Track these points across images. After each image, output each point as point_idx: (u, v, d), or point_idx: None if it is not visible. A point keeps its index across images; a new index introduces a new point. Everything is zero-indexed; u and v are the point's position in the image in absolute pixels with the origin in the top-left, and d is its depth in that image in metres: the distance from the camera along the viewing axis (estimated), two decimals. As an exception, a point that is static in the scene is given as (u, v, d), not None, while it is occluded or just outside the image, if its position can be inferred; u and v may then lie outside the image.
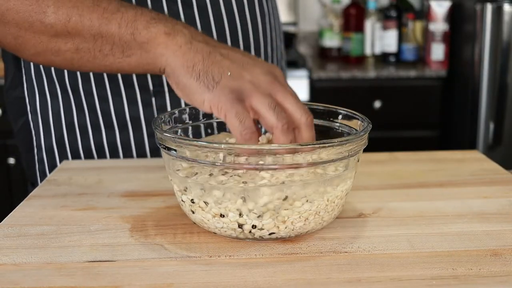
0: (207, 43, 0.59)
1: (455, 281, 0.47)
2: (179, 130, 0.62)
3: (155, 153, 0.83)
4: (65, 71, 0.80)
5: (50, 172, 0.85)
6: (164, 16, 0.61)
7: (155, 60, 0.59)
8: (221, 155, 0.51)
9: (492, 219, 0.59)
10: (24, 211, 0.62)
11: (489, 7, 1.99)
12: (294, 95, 0.57)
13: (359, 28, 2.37)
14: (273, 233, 0.53)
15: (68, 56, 0.62)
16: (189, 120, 0.63)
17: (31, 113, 0.87)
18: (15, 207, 0.63)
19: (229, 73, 0.56)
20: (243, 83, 0.56)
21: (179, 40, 0.58)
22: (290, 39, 2.52)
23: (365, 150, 0.58)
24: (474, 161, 0.79)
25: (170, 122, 0.61)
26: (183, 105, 0.80)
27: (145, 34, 0.59)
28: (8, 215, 0.61)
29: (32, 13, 0.60)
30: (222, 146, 0.51)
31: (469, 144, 2.11)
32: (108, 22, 0.60)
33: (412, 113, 2.22)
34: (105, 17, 0.60)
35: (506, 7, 1.98)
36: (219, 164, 0.51)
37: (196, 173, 0.54)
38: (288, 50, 2.45)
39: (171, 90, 0.80)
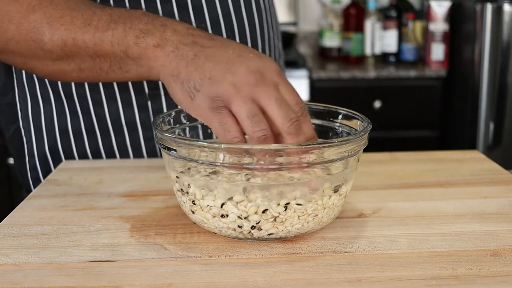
0: (195, 44, 0.57)
1: (455, 281, 0.47)
2: (178, 130, 0.62)
3: (152, 156, 0.82)
4: None
5: (44, 178, 0.84)
6: (153, 22, 0.60)
7: (149, 73, 0.60)
8: (221, 155, 0.51)
9: (492, 219, 0.59)
10: (24, 211, 0.62)
11: (489, 7, 1.99)
12: (277, 100, 0.53)
13: (359, 28, 2.37)
14: (272, 233, 0.53)
15: (74, 75, 0.64)
16: (187, 121, 0.63)
17: (22, 119, 0.86)
18: (15, 207, 0.63)
19: (210, 78, 0.54)
20: (224, 87, 0.53)
21: (167, 50, 0.57)
22: (290, 39, 2.52)
23: (365, 150, 0.58)
24: (474, 161, 0.79)
25: (170, 122, 0.61)
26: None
27: (136, 50, 0.59)
28: (8, 215, 0.61)
29: (31, 42, 0.62)
30: (222, 146, 0.51)
31: (469, 144, 2.11)
32: (101, 41, 0.60)
33: (412, 113, 2.22)
34: (97, 36, 0.60)
35: (506, 7, 1.98)
36: (219, 164, 0.51)
37: (197, 173, 0.54)
38: (288, 50, 2.45)
39: (167, 93, 0.79)
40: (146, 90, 0.79)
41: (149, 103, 0.80)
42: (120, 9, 0.63)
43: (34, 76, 0.82)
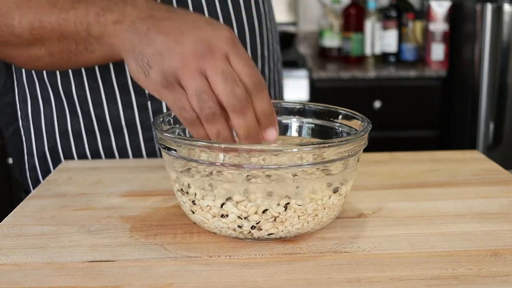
0: (151, 17, 0.55)
1: (455, 281, 0.47)
2: (178, 130, 0.62)
3: (152, 157, 0.82)
4: (58, 76, 0.80)
5: (44, 179, 0.84)
6: (114, 0, 0.58)
7: (112, 51, 0.59)
8: (221, 155, 0.51)
9: (492, 219, 0.59)
10: (24, 211, 0.62)
11: (489, 7, 1.99)
12: (223, 74, 0.50)
13: (359, 28, 2.37)
14: (272, 233, 0.53)
15: (46, 60, 0.64)
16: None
17: (22, 119, 0.86)
18: (15, 207, 0.63)
19: (160, 53, 0.52)
20: (173, 62, 0.51)
21: (124, 25, 0.56)
22: (290, 39, 2.52)
23: (365, 150, 0.58)
24: (474, 161, 0.79)
25: (170, 122, 0.61)
26: None
27: (97, 28, 0.58)
28: (8, 215, 0.61)
29: (3, 27, 0.62)
30: (222, 146, 0.51)
31: (469, 144, 2.11)
32: (65, 22, 0.60)
33: (412, 113, 2.22)
34: (61, 17, 0.60)
35: (506, 7, 1.98)
36: (219, 164, 0.51)
37: (197, 173, 0.54)
38: (288, 50, 2.45)
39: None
40: (146, 91, 0.79)
41: (149, 103, 0.80)
42: None
43: (34, 76, 0.82)
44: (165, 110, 0.80)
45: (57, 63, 0.64)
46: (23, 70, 0.83)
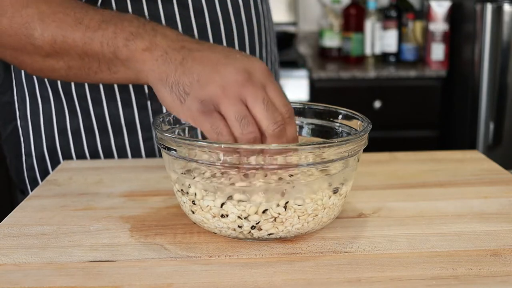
0: (183, 48, 0.57)
1: (455, 281, 0.47)
2: (178, 130, 0.62)
3: (151, 157, 0.82)
4: None
5: (41, 178, 0.84)
6: (144, 27, 0.60)
7: (137, 76, 0.60)
8: (221, 155, 0.51)
9: (492, 219, 0.59)
10: (24, 211, 0.62)
11: (489, 7, 1.99)
12: (264, 101, 0.53)
13: (359, 28, 2.37)
14: (272, 233, 0.53)
15: (63, 73, 0.64)
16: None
17: (20, 118, 0.86)
18: (15, 207, 0.63)
19: (198, 80, 0.54)
20: (212, 89, 0.53)
21: (155, 54, 0.57)
22: (290, 39, 2.52)
23: (365, 150, 0.58)
24: (474, 161, 0.79)
25: (170, 122, 0.61)
26: None
27: (125, 52, 0.59)
28: (8, 215, 0.61)
29: (22, 36, 0.62)
30: (222, 146, 0.51)
31: (469, 144, 2.11)
32: (91, 41, 0.60)
33: (412, 113, 2.22)
34: (87, 36, 0.60)
35: (506, 7, 1.98)
36: (219, 164, 0.51)
37: (197, 174, 0.54)
38: (288, 50, 2.45)
39: (152, 98, 0.80)
40: (146, 90, 0.79)
41: (148, 103, 0.80)
42: (112, 11, 0.63)
43: (34, 75, 0.82)
44: (164, 110, 0.80)
45: (74, 76, 0.65)
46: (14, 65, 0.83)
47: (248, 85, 0.53)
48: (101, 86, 0.79)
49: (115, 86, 0.79)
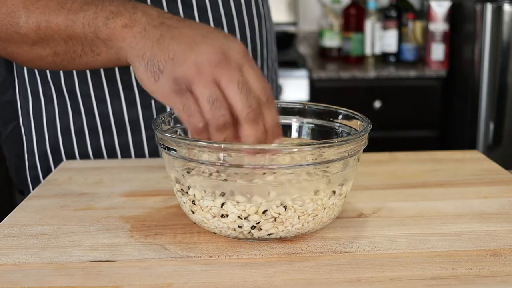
0: (162, 24, 0.56)
1: (455, 281, 0.47)
2: (179, 130, 0.62)
3: (154, 156, 0.82)
4: (61, 74, 0.80)
5: (44, 177, 0.84)
6: (124, 5, 0.59)
7: (119, 55, 0.59)
8: (221, 155, 0.51)
9: (492, 219, 0.59)
10: (24, 211, 0.62)
11: (489, 7, 1.99)
12: (239, 83, 0.51)
13: (359, 28, 2.37)
14: (272, 233, 0.53)
15: (50, 60, 0.64)
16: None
17: (22, 117, 0.86)
18: (15, 207, 0.63)
19: (173, 58, 0.53)
20: (186, 68, 0.52)
21: (134, 30, 0.57)
22: (290, 39, 2.52)
23: (365, 150, 0.58)
24: (474, 161, 0.79)
25: (170, 122, 0.61)
26: None
27: (105, 31, 0.59)
28: (8, 215, 0.61)
29: (8, 26, 0.62)
30: (222, 146, 0.51)
31: (469, 144, 2.11)
32: (73, 23, 0.60)
33: (412, 113, 2.22)
34: (69, 18, 0.60)
35: (506, 7, 1.98)
36: (219, 164, 0.51)
37: (197, 173, 0.54)
38: (288, 50, 2.45)
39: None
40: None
41: (152, 101, 0.80)
42: None
43: (36, 73, 0.82)
44: (168, 109, 0.80)
45: (61, 63, 0.65)
46: (25, 68, 0.83)
47: (223, 65, 0.51)
48: (104, 84, 0.79)
49: (119, 84, 0.79)
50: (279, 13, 2.42)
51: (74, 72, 0.79)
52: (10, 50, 0.65)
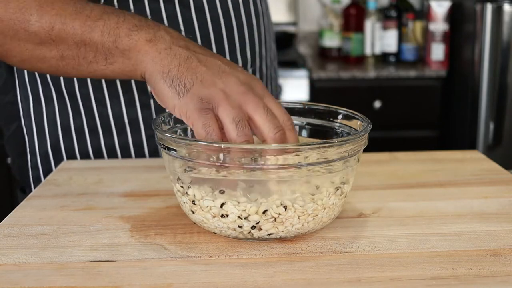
0: (187, 48, 0.59)
1: (455, 281, 0.47)
2: (179, 130, 0.62)
3: (154, 155, 0.82)
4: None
5: (45, 177, 0.84)
6: (147, 21, 0.61)
7: (136, 67, 0.60)
8: (221, 155, 0.51)
9: (492, 219, 0.59)
10: (24, 211, 0.62)
11: (489, 7, 1.99)
12: (264, 109, 0.55)
13: (359, 28, 2.37)
14: (272, 233, 0.53)
15: (53, 63, 0.63)
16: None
17: (24, 118, 0.86)
18: (15, 207, 0.63)
19: (201, 80, 0.56)
20: (214, 91, 0.55)
21: (159, 46, 0.58)
22: (290, 39, 2.52)
23: (365, 150, 0.58)
24: (474, 161, 0.79)
25: (170, 122, 0.61)
26: None
27: (126, 42, 0.59)
28: (8, 215, 0.61)
29: (16, 22, 0.61)
30: (222, 146, 0.51)
31: (469, 144, 2.11)
32: (91, 30, 0.60)
33: (412, 113, 2.22)
34: (87, 24, 0.60)
35: (506, 7, 1.98)
36: (219, 164, 0.51)
37: (196, 174, 0.54)
38: (288, 50, 2.45)
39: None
40: (149, 89, 0.79)
41: (151, 101, 0.80)
42: (113, 7, 0.63)
43: (36, 75, 0.82)
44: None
45: (64, 68, 0.64)
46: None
47: (249, 94, 0.56)
48: (104, 86, 0.79)
49: (118, 86, 0.79)
50: (279, 13, 2.42)
51: None
52: (9, 46, 0.63)
